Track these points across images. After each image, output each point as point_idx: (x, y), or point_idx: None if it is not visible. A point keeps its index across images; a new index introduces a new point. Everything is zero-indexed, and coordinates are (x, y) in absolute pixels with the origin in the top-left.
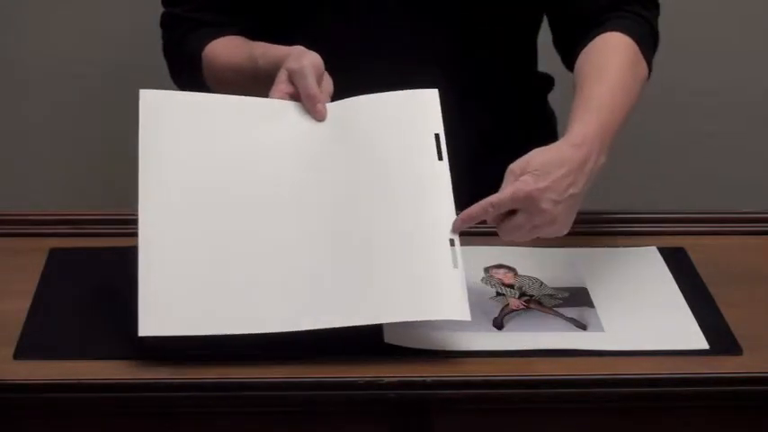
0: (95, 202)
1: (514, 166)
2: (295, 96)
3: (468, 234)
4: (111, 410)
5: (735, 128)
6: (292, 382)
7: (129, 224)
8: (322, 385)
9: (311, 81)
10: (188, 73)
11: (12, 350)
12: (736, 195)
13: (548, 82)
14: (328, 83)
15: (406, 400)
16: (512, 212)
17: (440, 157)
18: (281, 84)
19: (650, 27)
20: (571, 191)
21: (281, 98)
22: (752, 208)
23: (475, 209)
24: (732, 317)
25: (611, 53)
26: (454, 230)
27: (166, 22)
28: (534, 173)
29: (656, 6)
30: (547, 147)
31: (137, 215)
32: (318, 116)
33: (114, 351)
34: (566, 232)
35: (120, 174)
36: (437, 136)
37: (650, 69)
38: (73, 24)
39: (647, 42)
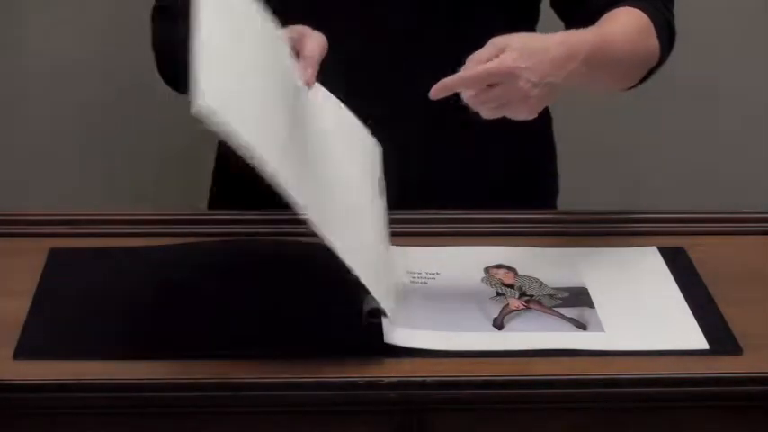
0: (95, 202)
1: (497, 39)
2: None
3: (468, 234)
4: (111, 410)
5: (735, 127)
6: (292, 382)
7: (129, 224)
8: (322, 385)
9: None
10: (181, 56)
11: (12, 350)
12: (736, 195)
13: None
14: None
15: (406, 400)
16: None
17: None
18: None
19: (666, 20)
20: (550, 79)
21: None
22: (752, 208)
23: (453, 79)
24: (732, 317)
25: (618, 15)
26: (433, 96)
27: (159, 11)
28: (519, 50)
29: (673, 4)
30: (533, 34)
31: (139, 214)
32: (308, 80)
33: (114, 351)
34: (532, 117)
35: (121, 174)
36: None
37: (662, 57)
38: (73, 24)
39: (661, 28)
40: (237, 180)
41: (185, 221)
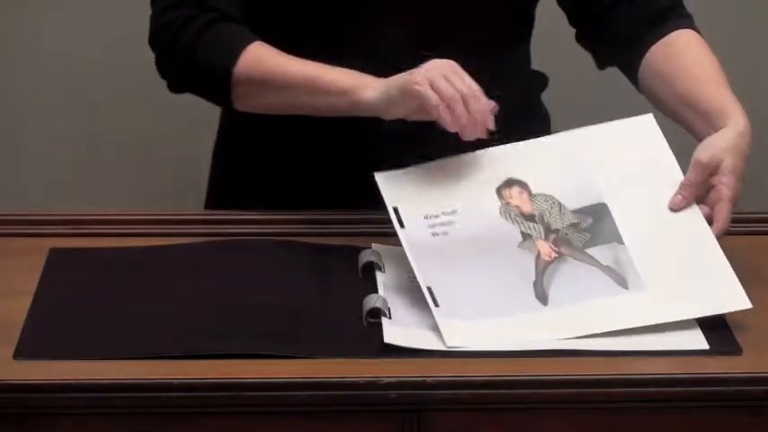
0: (95, 203)
1: (703, 160)
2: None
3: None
4: (112, 410)
5: None
6: (292, 382)
7: (129, 224)
8: (322, 385)
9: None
10: (216, 67)
11: (12, 350)
12: None
13: (542, 81)
14: None
15: (406, 400)
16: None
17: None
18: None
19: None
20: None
21: None
22: (752, 208)
23: (721, 223)
24: (732, 317)
25: (697, 52)
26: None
27: (175, 15)
28: (734, 172)
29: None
30: (725, 141)
31: (138, 214)
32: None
33: (114, 351)
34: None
35: (120, 173)
36: None
37: None
38: (71, 24)
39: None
40: (235, 181)
41: (185, 221)
